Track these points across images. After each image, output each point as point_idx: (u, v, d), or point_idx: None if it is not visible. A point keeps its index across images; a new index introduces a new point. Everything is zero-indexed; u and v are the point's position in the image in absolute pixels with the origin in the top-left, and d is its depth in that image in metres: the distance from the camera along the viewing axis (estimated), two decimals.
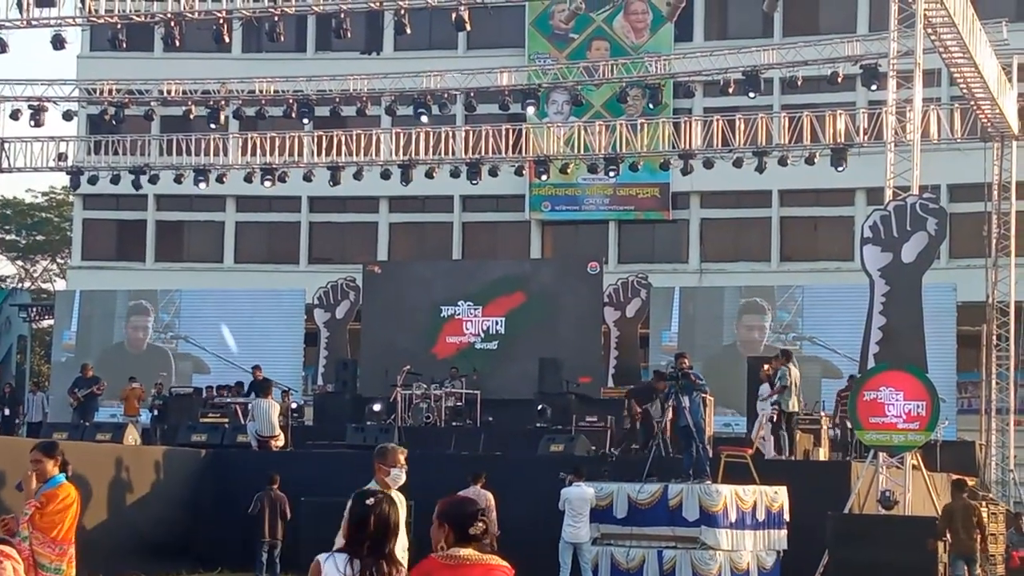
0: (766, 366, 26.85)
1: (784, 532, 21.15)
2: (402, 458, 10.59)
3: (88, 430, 29.25)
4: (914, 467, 24.35)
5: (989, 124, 35.11)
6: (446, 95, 41.31)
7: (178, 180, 43.47)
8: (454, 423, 31.73)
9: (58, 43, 35.05)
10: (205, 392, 34.47)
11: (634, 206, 52.03)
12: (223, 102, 41.76)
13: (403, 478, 10.53)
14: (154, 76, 44.47)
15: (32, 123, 41.40)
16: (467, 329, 37.02)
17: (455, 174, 42.11)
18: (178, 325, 40.69)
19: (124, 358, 39.63)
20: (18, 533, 10.68)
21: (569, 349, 34.72)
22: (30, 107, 41.28)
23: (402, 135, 42.38)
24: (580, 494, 21.20)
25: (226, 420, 31.01)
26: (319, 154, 42.80)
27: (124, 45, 35.66)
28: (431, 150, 41.97)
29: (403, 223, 54.01)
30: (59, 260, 69.04)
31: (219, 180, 43.41)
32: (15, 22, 34.85)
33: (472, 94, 41.33)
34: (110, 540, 22.10)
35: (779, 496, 21.17)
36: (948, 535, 21.61)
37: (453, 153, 42.16)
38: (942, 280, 34.96)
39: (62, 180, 56.55)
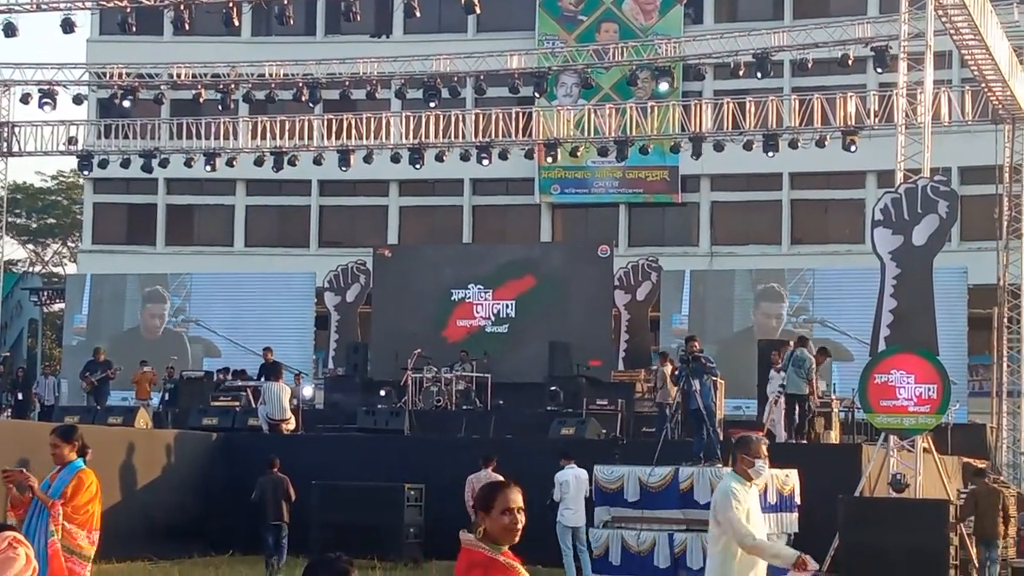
0: (774, 353, 26.76)
1: (795, 515, 21.13)
2: (764, 449, 10.19)
3: (100, 414, 29.29)
4: (925, 450, 24.31)
5: (1000, 106, 34.99)
6: (456, 78, 41.26)
7: (188, 164, 43.49)
8: (464, 407, 31.74)
9: (68, 27, 35.07)
10: (216, 376, 34.50)
11: (643, 189, 52.00)
12: (233, 86, 41.77)
13: (766, 470, 10.07)
14: (164, 60, 44.53)
15: (42, 107, 41.45)
16: (477, 312, 37.03)
17: (465, 157, 42.10)
18: (189, 308, 40.73)
19: (135, 342, 39.66)
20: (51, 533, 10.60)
21: (579, 332, 34.70)
22: (40, 91, 41.32)
23: (412, 118, 42.35)
24: (578, 476, 21.37)
25: (237, 404, 31.04)
26: (329, 137, 42.79)
27: (134, 29, 35.66)
28: (441, 133, 41.94)
29: (413, 206, 54.02)
30: (70, 244, 69.14)
31: (229, 164, 43.42)
32: (25, 5, 34.89)
33: (482, 77, 41.29)
34: (122, 523, 22.09)
35: (790, 479, 21.16)
36: (972, 519, 21.72)
37: (463, 136, 42.13)
38: (953, 263, 34.91)
39: (71, 164, 56.60)
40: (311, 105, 42.02)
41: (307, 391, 33.99)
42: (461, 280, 37.30)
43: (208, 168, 43.13)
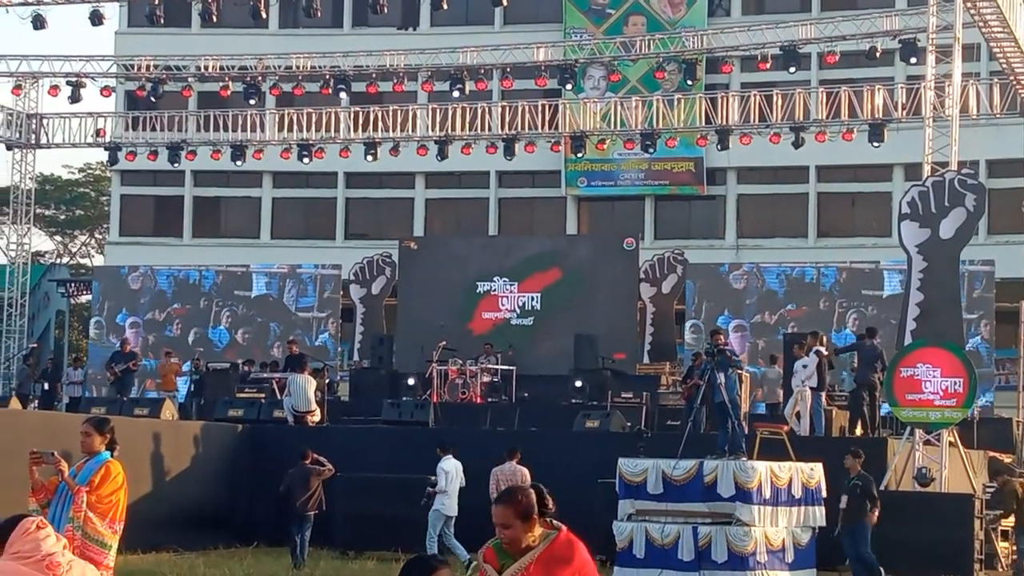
0: (796, 346, 26.67)
1: (821, 509, 21.04)
2: None
3: (126, 405, 29.39)
4: (951, 444, 24.25)
5: None
6: (482, 70, 41.26)
7: (215, 156, 43.60)
8: (490, 399, 31.73)
9: (96, 19, 35.23)
10: (241, 367, 34.55)
11: (669, 180, 51.87)
12: (260, 78, 41.87)
13: None
14: (191, 52, 44.59)
15: (70, 99, 41.62)
16: (503, 305, 37.02)
17: (491, 150, 42.11)
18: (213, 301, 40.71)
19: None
20: (70, 519, 10.68)
21: (605, 325, 34.68)
22: (68, 83, 41.51)
23: (438, 111, 42.39)
24: (457, 467, 22.02)
25: (263, 395, 31.09)
26: (355, 130, 42.85)
27: (162, 21, 35.79)
28: (467, 126, 41.96)
29: (439, 199, 54.01)
30: (97, 235, 69.34)
31: (256, 156, 43.51)
32: None
33: (508, 70, 41.27)
34: (148, 514, 22.16)
35: (815, 473, 21.07)
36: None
37: (489, 129, 42.15)
38: (980, 256, 34.75)
39: (98, 156, 56.81)
40: (338, 97, 42.07)
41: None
42: (487, 272, 37.30)
43: (235, 161, 43.24)
